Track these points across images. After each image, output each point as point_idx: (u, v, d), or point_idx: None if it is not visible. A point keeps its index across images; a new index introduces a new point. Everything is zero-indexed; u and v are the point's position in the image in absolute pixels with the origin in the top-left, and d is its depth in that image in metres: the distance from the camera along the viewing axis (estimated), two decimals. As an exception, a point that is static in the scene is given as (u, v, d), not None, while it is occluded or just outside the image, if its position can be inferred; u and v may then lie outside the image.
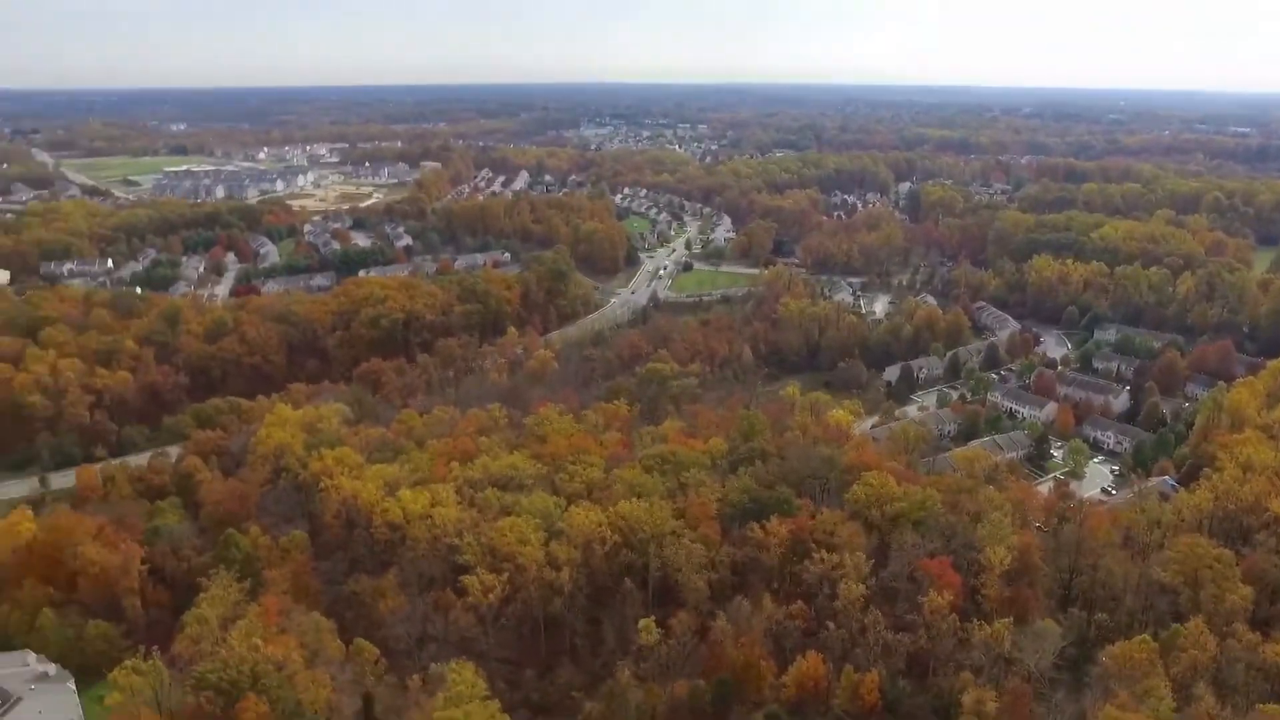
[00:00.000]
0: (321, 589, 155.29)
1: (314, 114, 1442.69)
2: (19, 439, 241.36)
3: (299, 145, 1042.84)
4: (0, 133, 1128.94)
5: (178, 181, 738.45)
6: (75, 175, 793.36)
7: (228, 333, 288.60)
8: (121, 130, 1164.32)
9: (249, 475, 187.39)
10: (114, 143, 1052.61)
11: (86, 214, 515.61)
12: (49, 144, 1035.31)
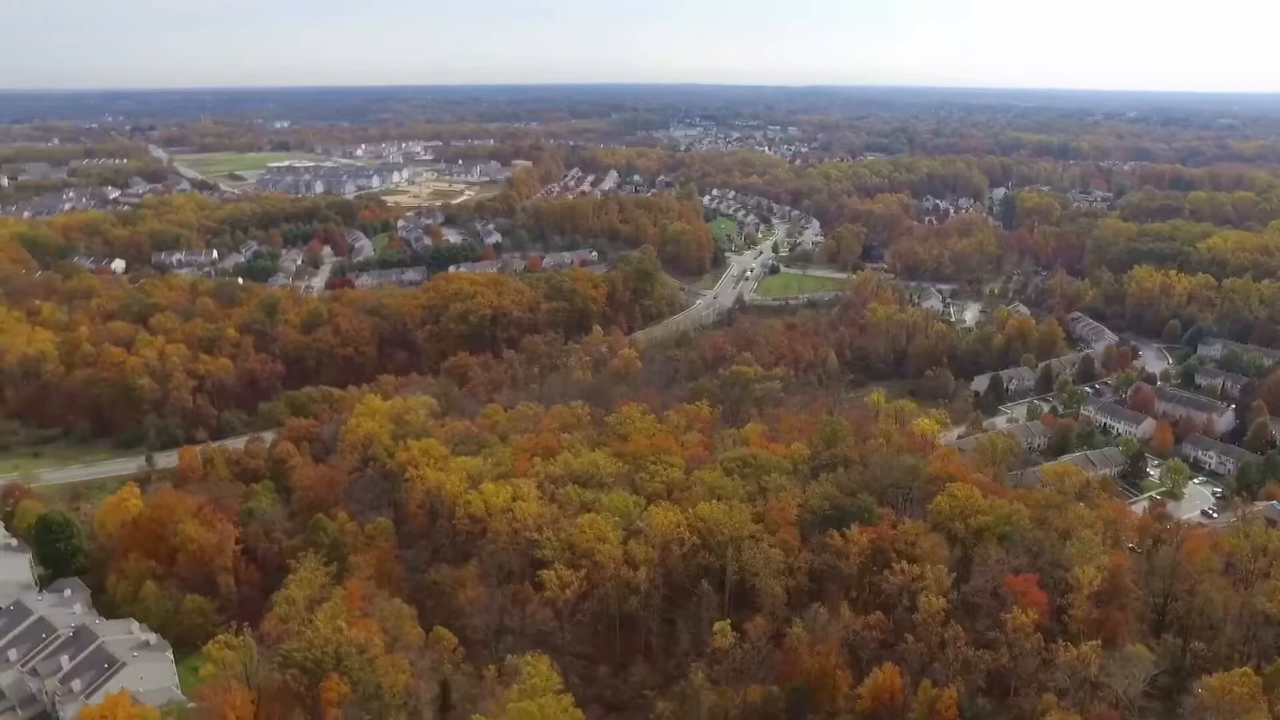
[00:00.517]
0: (404, 576, 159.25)
1: (410, 112, 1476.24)
2: (129, 419, 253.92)
3: (395, 143, 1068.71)
4: (122, 130, 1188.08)
5: (280, 177, 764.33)
6: (187, 170, 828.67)
7: (322, 324, 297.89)
8: (229, 127, 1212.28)
9: (338, 462, 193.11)
10: (222, 139, 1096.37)
11: (195, 207, 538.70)
12: (164, 140, 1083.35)
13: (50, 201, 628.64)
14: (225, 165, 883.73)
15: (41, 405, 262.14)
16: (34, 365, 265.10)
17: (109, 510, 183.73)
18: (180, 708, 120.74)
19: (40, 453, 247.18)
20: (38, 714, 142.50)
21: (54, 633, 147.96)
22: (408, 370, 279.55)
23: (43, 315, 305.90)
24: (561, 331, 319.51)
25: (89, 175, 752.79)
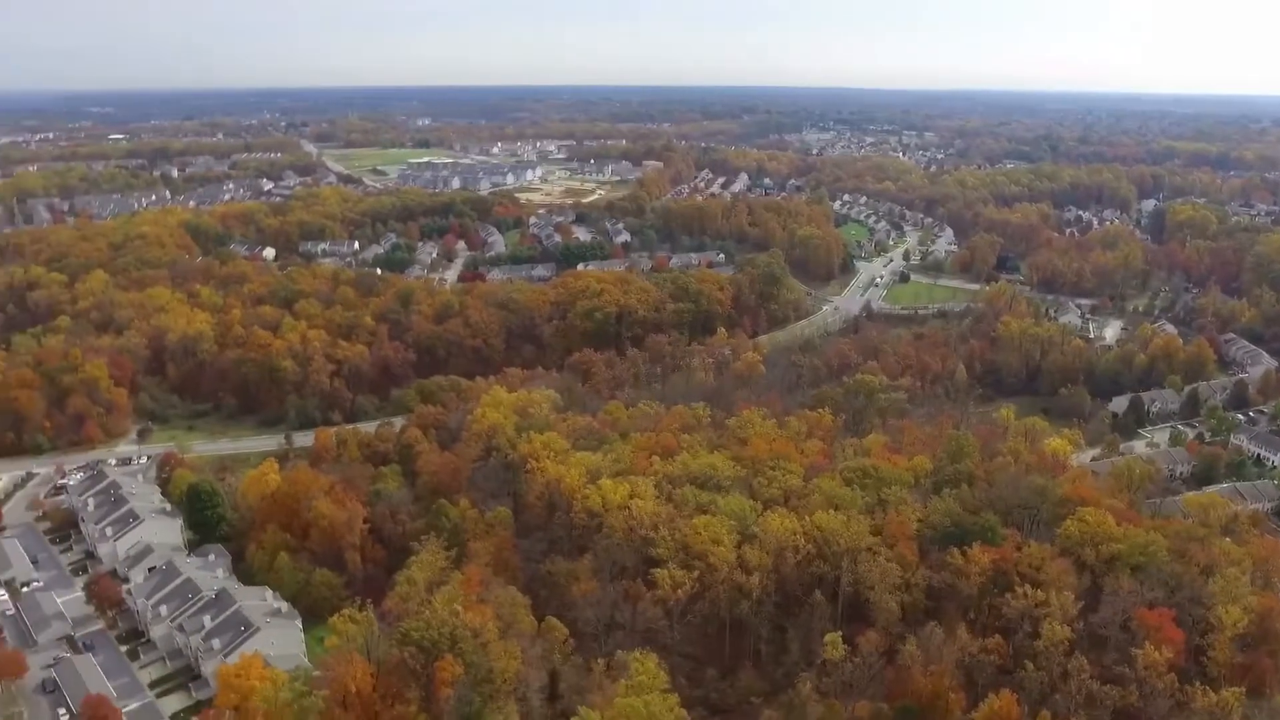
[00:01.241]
0: (520, 566, 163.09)
1: (546, 112, 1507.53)
2: (273, 399, 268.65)
3: (530, 141, 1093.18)
4: (278, 126, 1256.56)
5: (419, 173, 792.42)
6: (334, 164, 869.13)
7: (454, 315, 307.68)
8: (375, 124, 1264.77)
9: (463, 451, 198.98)
10: (368, 135, 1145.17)
11: (340, 199, 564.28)
12: (315, 136, 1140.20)
13: (212, 192, 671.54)
14: (369, 160, 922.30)
15: (197, 381, 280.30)
16: (192, 344, 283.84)
17: (251, 483, 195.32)
18: (306, 674, 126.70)
19: (194, 426, 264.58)
20: (182, 666, 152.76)
21: (199, 594, 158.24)
22: (533, 364, 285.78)
23: (201, 298, 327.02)
24: (685, 332, 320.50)
25: (247, 168, 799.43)
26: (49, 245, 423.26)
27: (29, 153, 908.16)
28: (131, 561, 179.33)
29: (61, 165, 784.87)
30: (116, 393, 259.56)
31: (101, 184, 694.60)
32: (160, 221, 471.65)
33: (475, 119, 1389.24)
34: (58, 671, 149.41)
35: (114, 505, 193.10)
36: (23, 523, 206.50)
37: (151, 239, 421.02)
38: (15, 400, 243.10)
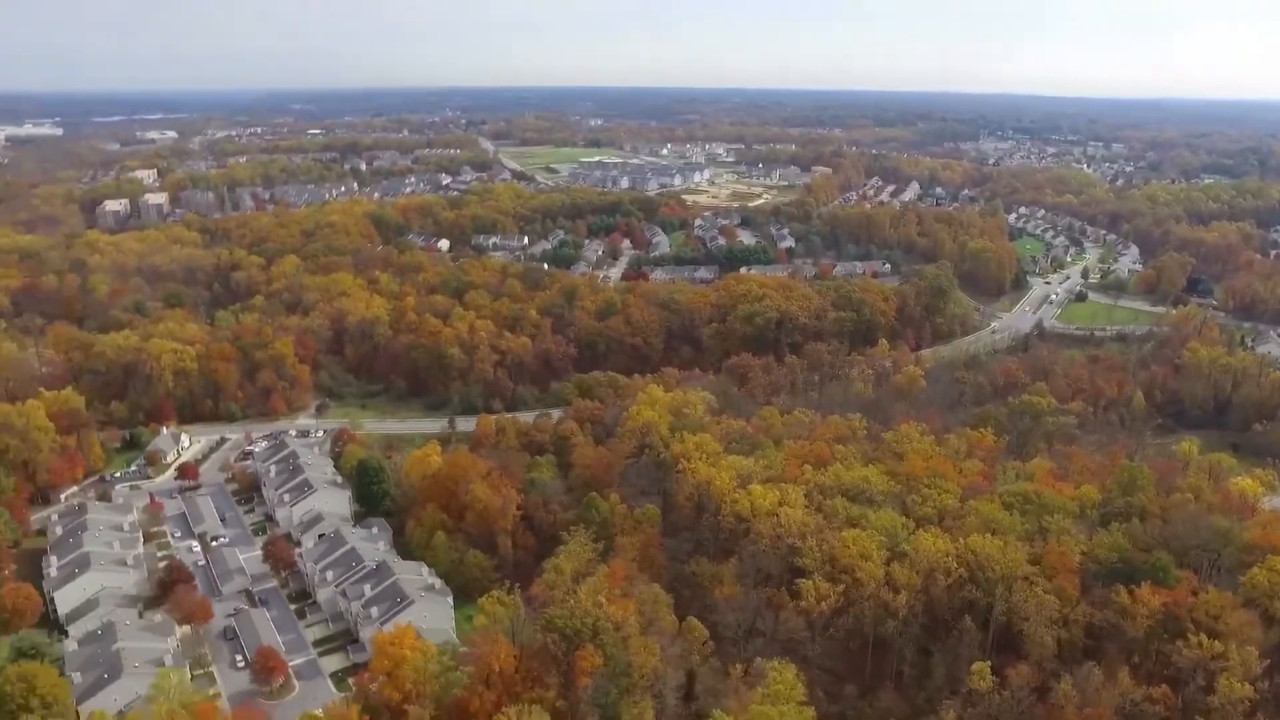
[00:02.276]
0: (665, 564, 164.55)
1: (716, 114, 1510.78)
2: (439, 385, 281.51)
3: (699, 143, 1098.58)
4: (458, 124, 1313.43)
5: (589, 171, 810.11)
6: (508, 161, 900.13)
7: (616, 313, 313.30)
8: (549, 123, 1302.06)
9: (616, 446, 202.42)
10: (542, 134, 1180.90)
11: (513, 196, 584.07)
12: (492, 134, 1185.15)
13: (395, 185, 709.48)
14: (542, 158, 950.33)
15: (371, 363, 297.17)
16: (370, 328, 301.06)
17: (414, 463, 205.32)
18: (454, 649, 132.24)
19: (366, 405, 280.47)
20: (342, 629, 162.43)
21: (361, 563, 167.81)
22: (691, 365, 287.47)
23: (380, 285, 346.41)
24: (846, 341, 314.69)
25: (428, 163, 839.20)
26: (251, 230, 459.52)
27: (239, 146, 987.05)
28: (304, 527, 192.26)
29: (265, 158, 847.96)
30: (300, 369, 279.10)
31: (299, 175, 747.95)
32: (347, 211, 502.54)
33: (646, 120, 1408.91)
34: (237, 621, 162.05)
35: (292, 474, 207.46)
36: (215, 483, 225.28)
37: (339, 228, 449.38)
38: (215, 371, 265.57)
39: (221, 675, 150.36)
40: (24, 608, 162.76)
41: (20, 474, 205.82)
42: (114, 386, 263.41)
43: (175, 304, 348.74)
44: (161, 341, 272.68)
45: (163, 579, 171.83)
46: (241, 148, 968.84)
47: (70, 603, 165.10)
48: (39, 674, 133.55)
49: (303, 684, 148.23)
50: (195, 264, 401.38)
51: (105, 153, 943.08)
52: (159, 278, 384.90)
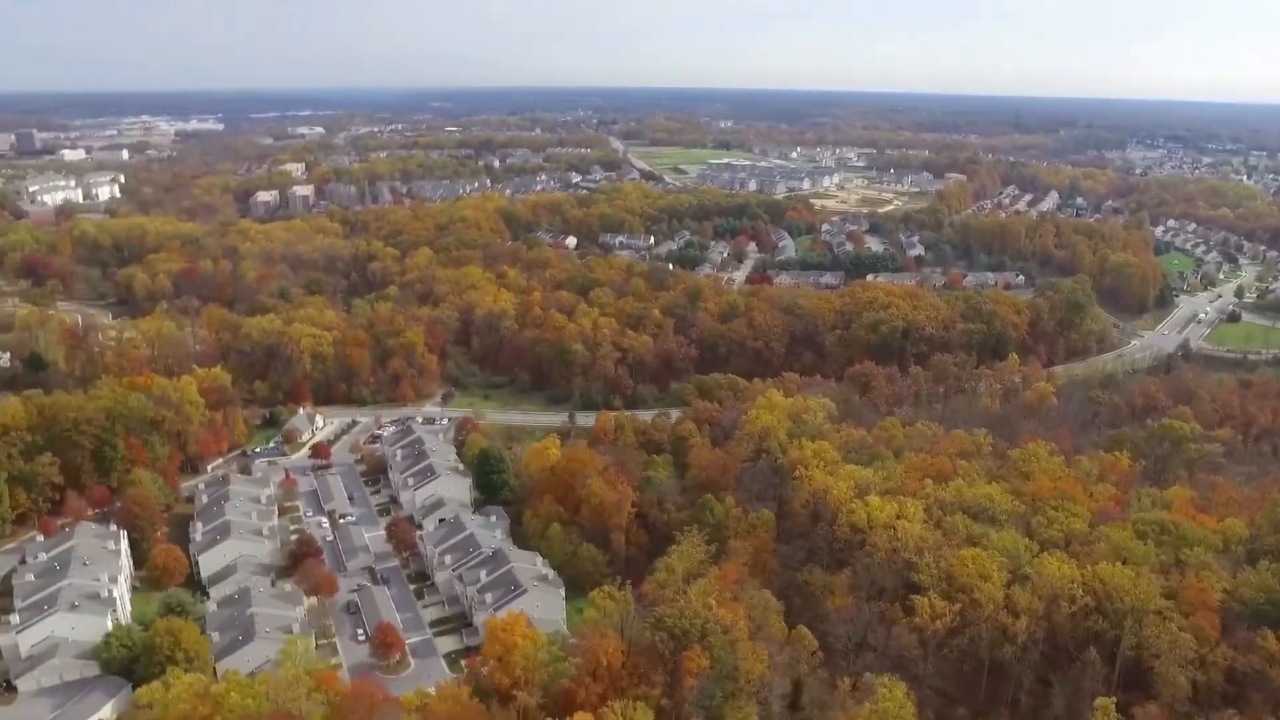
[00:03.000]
0: (777, 571, 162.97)
1: (848, 118, 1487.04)
2: (561, 379, 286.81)
3: (829, 147, 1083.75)
4: (589, 123, 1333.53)
5: (717, 173, 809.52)
6: (637, 161, 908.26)
7: (738, 315, 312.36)
8: (679, 124, 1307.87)
9: (733, 449, 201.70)
10: (672, 135, 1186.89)
11: (641, 195, 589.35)
12: (622, 133, 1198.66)
13: (526, 182, 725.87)
14: (671, 159, 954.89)
15: (496, 355, 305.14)
16: (496, 321, 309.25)
17: (533, 455, 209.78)
18: (563, 640, 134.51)
19: (489, 395, 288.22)
20: (457, 612, 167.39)
21: (478, 550, 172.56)
22: (812, 371, 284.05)
23: (508, 279, 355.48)
24: (974, 354, 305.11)
25: (558, 161, 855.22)
26: (388, 223, 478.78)
27: (380, 141, 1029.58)
28: (425, 511, 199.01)
29: (405, 153, 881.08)
30: (428, 358, 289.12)
31: (435, 171, 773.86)
32: (480, 207, 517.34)
33: (776, 123, 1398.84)
34: (360, 597, 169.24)
35: (417, 459, 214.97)
36: (345, 463, 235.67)
37: (471, 222, 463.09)
38: (350, 356, 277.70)
39: (343, 647, 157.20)
40: (173, 568, 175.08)
41: (174, 444, 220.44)
42: (257, 366, 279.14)
43: (316, 291, 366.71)
44: (302, 326, 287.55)
45: (294, 551, 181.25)
46: (382, 143, 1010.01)
47: (212, 567, 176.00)
48: (184, 630, 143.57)
49: (418, 661, 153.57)
50: (335, 253, 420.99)
51: (260, 146, 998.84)
52: (302, 265, 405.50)
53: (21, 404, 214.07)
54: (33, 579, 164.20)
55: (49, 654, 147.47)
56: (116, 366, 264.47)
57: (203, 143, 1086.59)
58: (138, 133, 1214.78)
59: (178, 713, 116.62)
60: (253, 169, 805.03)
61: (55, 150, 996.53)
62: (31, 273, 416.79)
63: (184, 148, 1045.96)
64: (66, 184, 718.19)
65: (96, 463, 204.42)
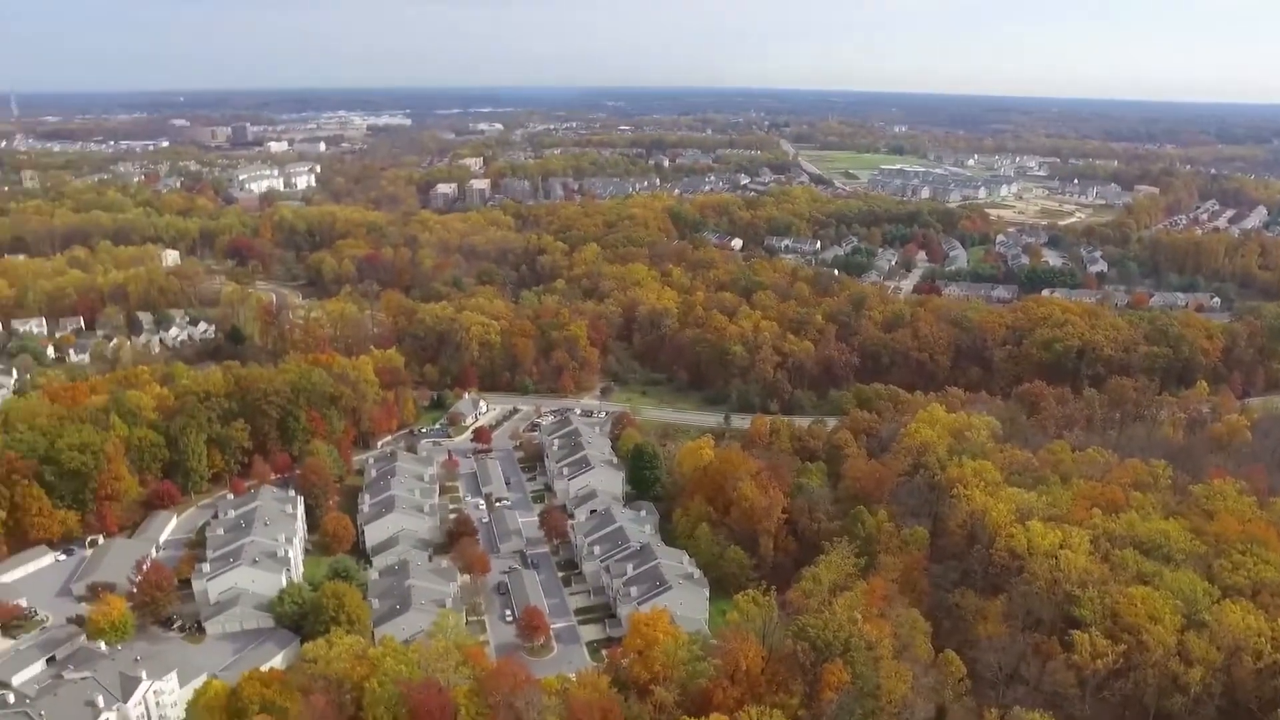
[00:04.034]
0: (927, 590, 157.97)
1: (1031, 125, 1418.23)
2: (719, 380, 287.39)
3: (1009, 155, 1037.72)
4: (761, 125, 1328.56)
5: (889, 179, 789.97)
6: (808, 165, 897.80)
7: (903, 325, 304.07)
8: (852, 128, 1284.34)
9: (889, 462, 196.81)
10: (844, 139, 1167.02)
11: (810, 199, 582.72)
12: (794, 136, 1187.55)
13: (695, 182, 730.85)
14: (842, 163, 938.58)
15: (656, 353, 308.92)
16: (658, 318, 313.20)
17: (687, 453, 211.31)
18: (704, 640, 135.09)
19: (647, 392, 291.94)
20: (602, 602, 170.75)
21: (627, 543, 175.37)
22: (977, 387, 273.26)
23: (672, 277, 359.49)
24: (1157, 379, 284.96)
25: (728, 162, 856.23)
26: (559, 218, 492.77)
27: (555, 138, 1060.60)
28: (578, 501, 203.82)
29: (578, 151, 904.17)
30: (590, 352, 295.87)
31: (606, 168, 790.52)
32: (648, 205, 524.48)
33: (953, 128, 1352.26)
34: (510, 579, 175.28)
35: (573, 450, 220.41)
36: (504, 448, 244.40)
37: (639, 220, 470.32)
38: (515, 346, 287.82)
39: (491, 625, 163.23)
40: (342, 535, 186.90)
41: (349, 419, 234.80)
42: (428, 351, 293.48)
43: (487, 281, 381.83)
44: (472, 314, 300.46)
45: (452, 529, 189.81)
46: (557, 140, 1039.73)
47: (376, 537, 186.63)
48: (348, 594, 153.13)
49: (561, 647, 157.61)
50: (507, 246, 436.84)
51: (442, 141, 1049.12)
52: (475, 256, 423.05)
53: (222, 373, 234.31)
54: (222, 533, 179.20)
55: (232, 602, 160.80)
56: (303, 343, 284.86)
57: (391, 137, 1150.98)
58: (334, 127, 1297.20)
59: (338, 669, 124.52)
60: (434, 162, 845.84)
61: (263, 142, 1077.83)
62: (237, 253, 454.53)
63: (374, 141, 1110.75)
64: (270, 173, 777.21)
65: (281, 431, 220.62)
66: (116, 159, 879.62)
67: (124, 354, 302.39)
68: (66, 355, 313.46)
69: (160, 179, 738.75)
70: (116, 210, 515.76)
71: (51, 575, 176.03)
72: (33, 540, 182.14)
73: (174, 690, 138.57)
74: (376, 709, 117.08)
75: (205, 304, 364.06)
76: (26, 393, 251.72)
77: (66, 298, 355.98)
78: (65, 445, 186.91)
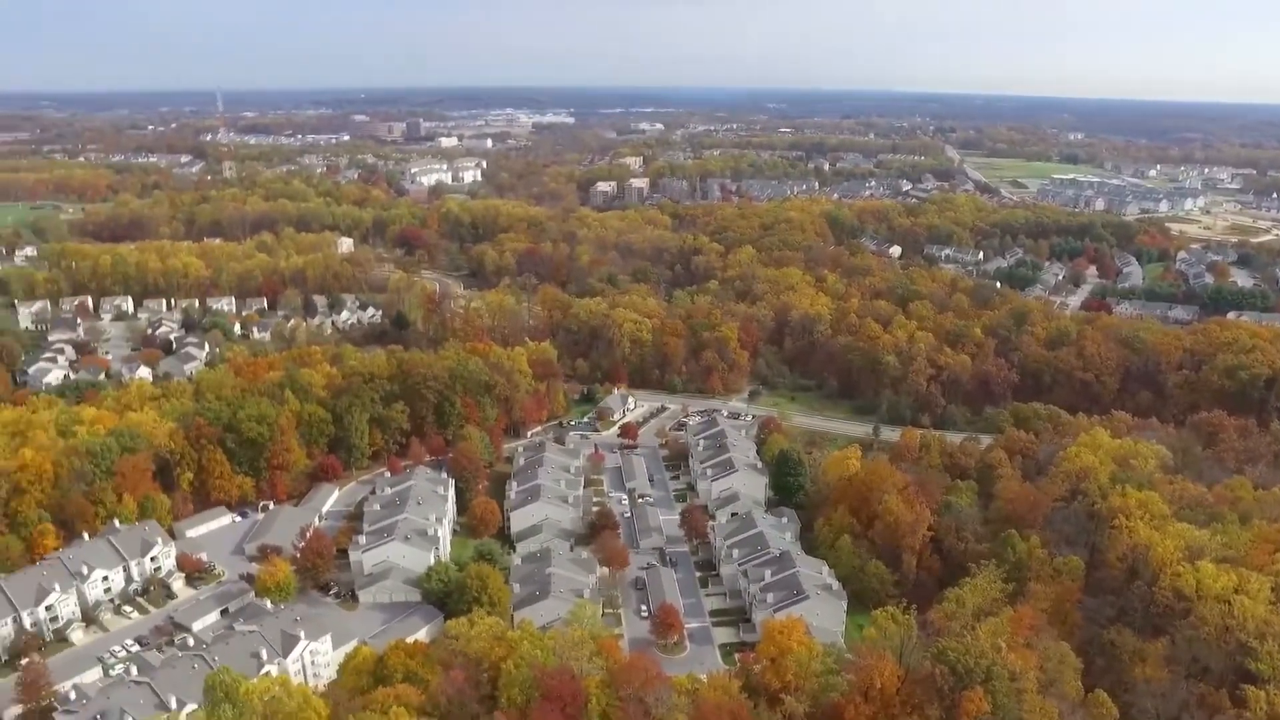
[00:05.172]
0: (1080, 625, 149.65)
1: (1223, 134, 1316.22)
2: (869, 390, 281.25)
3: (1197, 166, 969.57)
4: (925, 130, 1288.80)
5: (1060, 189, 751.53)
6: (973, 172, 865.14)
7: (1068, 343, 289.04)
8: (1022, 135, 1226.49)
9: (1046, 486, 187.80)
10: (1013, 146, 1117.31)
11: (974, 208, 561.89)
12: (960, 142, 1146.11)
13: (854, 187, 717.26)
14: (1010, 171, 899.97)
15: (807, 358, 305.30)
16: (810, 324, 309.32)
17: (833, 462, 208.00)
18: (839, 653, 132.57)
19: (795, 398, 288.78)
20: (737, 606, 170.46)
21: (766, 549, 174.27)
22: (1147, 413, 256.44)
23: (827, 283, 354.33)
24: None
25: (889, 168, 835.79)
26: (715, 219, 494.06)
27: (715, 139, 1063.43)
28: (720, 503, 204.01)
29: (736, 152, 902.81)
30: (740, 354, 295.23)
31: (764, 171, 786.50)
32: (805, 209, 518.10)
33: (1134, 137, 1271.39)
34: (648, 575, 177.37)
35: (718, 451, 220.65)
36: (650, 446, 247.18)
37: (795, 224, 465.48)
38: (666, 345, 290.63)
39: (626, 619, 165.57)
40: (489, 519, 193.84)
41: (501, 408, 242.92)
42: (581, 345, 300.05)
43: (641, 279, 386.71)
44: (625, 311, 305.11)
45: (594, 522, 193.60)
46: (716, 141, 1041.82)
47: (521, 524, 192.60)
48: (491, 577, 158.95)
49: (693, 647, 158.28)
50: (662, 245, 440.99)
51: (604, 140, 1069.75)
52: (631, 254, 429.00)
53: (386, 357, 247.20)
54: (378, 509, 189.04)
55: (384, 575, 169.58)
56: (463, 332, 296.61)
57: (554, 135, 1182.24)
58: (501, 124, 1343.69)
59: (478, 648, 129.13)
60: (595, 161, 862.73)
61: (434, 138, 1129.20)
62: (405, 243, 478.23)
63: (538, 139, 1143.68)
64: (440, 167, 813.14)
65: (437, 415, 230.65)
66: (303, 152, 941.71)
67: (300, 334, 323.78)
68: (251, 332, 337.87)
69: (340, 171, 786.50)
70: (300, 199, 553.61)
71: (228, 534, 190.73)
72: (214, 501, 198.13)
73: (328, 651, 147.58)
74: (511, 689, 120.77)
75: (374, 290, 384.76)
76: (216, 365, 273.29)
77: (253, 279, 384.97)
78: (245, 416, 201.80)
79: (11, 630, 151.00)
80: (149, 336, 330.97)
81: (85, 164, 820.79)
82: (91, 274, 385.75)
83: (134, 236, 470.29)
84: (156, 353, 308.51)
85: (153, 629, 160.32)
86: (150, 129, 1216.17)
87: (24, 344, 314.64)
